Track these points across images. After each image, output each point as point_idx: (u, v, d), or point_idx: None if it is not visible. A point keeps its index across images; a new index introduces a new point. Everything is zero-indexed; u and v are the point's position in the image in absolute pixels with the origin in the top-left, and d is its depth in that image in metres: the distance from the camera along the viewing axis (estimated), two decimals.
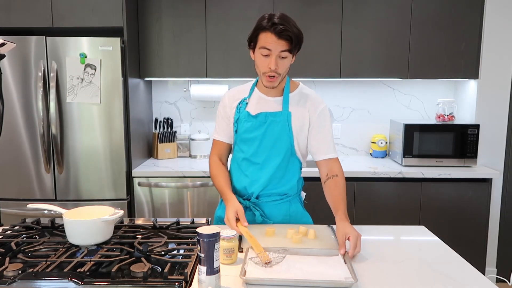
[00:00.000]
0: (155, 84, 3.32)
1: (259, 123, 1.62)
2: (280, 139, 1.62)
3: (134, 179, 2.75)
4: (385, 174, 2.74)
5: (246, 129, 1.63)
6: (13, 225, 1.57)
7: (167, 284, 1.10)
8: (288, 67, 1.57)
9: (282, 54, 1.50)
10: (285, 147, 1.63)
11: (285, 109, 1.61)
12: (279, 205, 1.69)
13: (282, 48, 1.49)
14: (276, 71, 1.52)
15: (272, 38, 1.48)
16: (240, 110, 1.66)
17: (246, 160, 1.67)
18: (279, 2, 2.90)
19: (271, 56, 1.50)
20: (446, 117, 3.03)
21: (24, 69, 2.61)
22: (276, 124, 1.61)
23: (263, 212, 1.67)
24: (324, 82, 3.28)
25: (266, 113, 1.62)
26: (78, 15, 2.66)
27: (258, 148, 1.63)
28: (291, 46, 1.50)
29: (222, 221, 1.67)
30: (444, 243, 1.51)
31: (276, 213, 1.68)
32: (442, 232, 1.97)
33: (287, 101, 1.63)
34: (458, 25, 2.91)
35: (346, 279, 1.17)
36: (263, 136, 1.62)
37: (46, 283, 1.10)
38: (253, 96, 1.68)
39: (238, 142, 1.69)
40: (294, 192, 1.72)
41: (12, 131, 2.66)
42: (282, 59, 1.52)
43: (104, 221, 1.34)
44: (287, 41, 1.49)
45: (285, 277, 1.18)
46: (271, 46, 1.49)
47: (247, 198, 1.68)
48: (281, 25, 1.48)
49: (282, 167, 1.65)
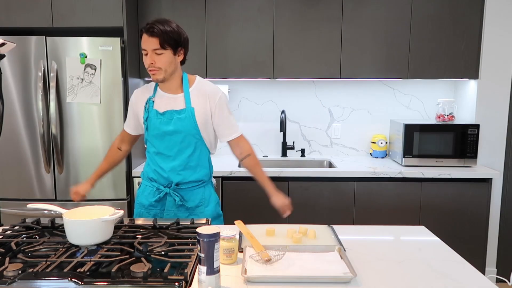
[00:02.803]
0: None
1: (166, 120, 1.77)
2: (188, 133, 1.77)
3: (134, 179, 2.75)
4: (385, 174, 2.75)
5: (155, 126, 1.78)
6: (13, 225, 1.57)
7: (167, 284, 1.10)
8: (169, 63, 1.71)
9: (155, 51, 1.67)
10: (194, 139, 1.79)
11: (188, 105, 1.77)
12: (196, 190, 1.85)
13: (154, 45, 1.66)
14: (154, 65, 1.69)
15: (145, 37, 1.68)
16: (149, 110, 1.80)
17: (159, 154, 1.82)
18: (279, 2, 2.90)
19: (148, 54, 1.69)
20: (446, 117, 3.03)
21: (24, 69, 2.61)
22: (182, 120, 1.76)
23: (182, 197, 1.83)
24: (324, 82, 3.28)
25: (172, 111, 1.77)
26: (78, 15, 2.66)
27: (169, 142, 1.79)
28: (161, 42, 1.66)
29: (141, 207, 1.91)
30: (444, 243, 1.52)
31: (194, 197, 1.85)
32: (442, 232, 1.97)
33: (188, 97, 1.78)
34: (458, 25, 2.92)
35: (345, 274, 1.19)
36: (173, 131, 1.76)
37: (46, 283, 1.10)
38: (157, 95, 1.83)
39: (150, 138, 1.83)
40: (207, 178, 1.89)
41: (12, 131, 2.66)
42: (158, 55, 1.68)
43: (104, 221, 1.34)
44: (156, 37, 1.66)
45: (285, 274, 1.20)
46: (145, 45, 1.69)
47: (168, 186, 1.83)
48: (151, 24, 1.67)
49: (194, 157, 1.81)
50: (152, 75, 1.73)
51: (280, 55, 2.96)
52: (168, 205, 1.84)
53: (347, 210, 2.78)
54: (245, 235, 1.46)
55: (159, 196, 1.83)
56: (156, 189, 1.85)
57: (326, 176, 2.77)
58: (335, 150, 3.38)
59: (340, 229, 1.61)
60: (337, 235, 1.53)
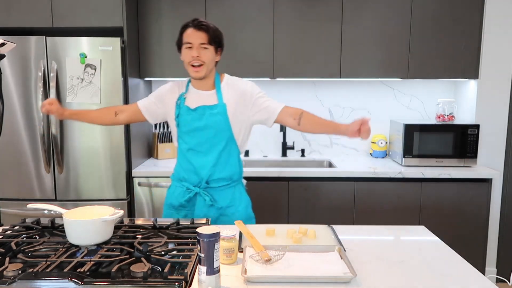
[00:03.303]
0: (155, 84, 3.32)
1: (198, 115, 1.78)
2: (220, 129, 1.78)
3: (134, 179, 2.75)
4: (385, 174, 2.75)
5: (187, 122, 1.79)
6: (13, 225, 1.57)
7: (167, 284, 1.10)
8: (212, 60, 1.76)
9: (202, 46, 1.71)
10: (225, 135, 1.80)
11: (220, 101, 1.79)
12: (226, 190, 1.85)
13: (201, 40, 1.71)
14: (200, 58, 1.72)
15: (191, 31, 1.72)
16: (180, 106, 1.82)
17: (191, 150, 1.82)
18: (279, 2, 2.90)
19: (193, 47, 1.72)
20: (446, 117, 3.03)
21: (24, 69, 2.61)
22: (214, 115, 1.77)
23: (212, 197, 1.82)
24: (324, 82, 3.28)
25: (204, 106, 1.78)
26: (78, 15, 2.66)
27: (201, 138, 1.79)
28: (209, 37, 1.71)
29: (170, 208, 1.89)
30: (444, 243, 1.52)
31: (224, 197, 1.85)
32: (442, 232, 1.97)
33: (220, 93, 1.80)
34: (458, 25, 2.92)
35: (345, 274, 1.19)
36: (204, 127, 1.78)
37: (46, 283, 1.10)
38: (189, 92, 1.85)
39: (182, 135, 1.84)
40: (237, 177, 1.89)
41: (12, 131, 2.66)
42: (204, 50, 1.72)
43: (104, 221, 1.34)
44: (204, 32, 1.71)
45: (285, 274, 1.20)
46: (191, 39, 1.71)
47: (198, 185, 1.83)
48: (199, 20, 1.73)
49: (224, 154, 1.81)
50: (195, 72, 1.74)
51: (280, 55, 2.96)
52: (199, 206, 1.83)
53: (347, 210, 2.78)
54: (245, 235, 1.46)
55: (189, 196, 1.83)
56: (186, 189, 1.84)
57: (326, 176, 2.77)
58: (335, 150, 3.38)
59: (340, 229, 1.61)
60: (337, 235, 1.53)
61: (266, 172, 2.72)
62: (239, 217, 1.82)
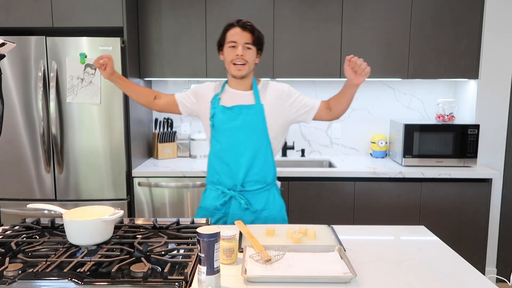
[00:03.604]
0: (155, 84, 3.32)
1: (234, 114, 1.78)
2: (256, 129, 1.78)
3: (134, 179, 2.75)
4: (385, 174, 2.75)
5: (223, 122, 1.78)
6: (13, 225, 1.57)
7: (167, 284, 1.10)
8: (253, 60, 1.79)
9: (246, 45, 1.74)
10: (261, 136, 1.79)
11: (258, 101, 1.79)
12: (261, 193, 1.84)
13: (246, 39, 1.73)
14: (243, 57, 1.73)
15: (237, 30, 1.74)
16: (215, 105, 1.81)
17: (226, 151, 1.81)
18: (279, 2, 2.90)
19: (237, 46, 1.73)
20: (446, 117, 3.03)
21: (24, 69, 2.61)
22: (251, 115, 1.77)
23: (247, 201, 1.81)
24: (324, 82, 3.28)
25: (241, 106, 1.78)
26: (78, 15, 2.66)
27: (236, 137, 1.78)
28: (254, 38, 1.74)
29: (205, 211, 1.88)
30: (444, 243, 1.52)
31: (258, 201, 1.83)
32: (442, 232, 1.97)
33: (258, 94, 1.81)
34: (458, 25, 2.92)
35: (345, 274, 1.19)
36: (240, 126, 1.77)
37: (46, 283, 1.10)
38: (225, 92, 1.85)
39: (216, 135, 1.83)
40: (271, 179, 1.88)
41: (12, 131, 2.66)
42: (247, 49, 1.75)
43: (104, 221, 1.34)
44: (250, 32, 1.73)
45: (285, 274, 1.20)
46: (236, 38, 1.73)
47: (233, 189, 1.82)
48: (244, 20, 1.75)
49: (260, 154, 1.80)
50: (237, 70, 1.75)
51: (280, 55, 2.96)
52: (234, 209, 1.82)
53: (347, 210, 2.78)
54: (245, 235, 1.46)
55: (224, 199, 1.82)
56: (221, 192, 1.83)
57: (326, 176, 2.77)
58: (335, 150, 3.38)
59: (340, 229, 1.61)
60: (337, 235, 1.53)
61: None
62: (272, 220, 1.83)
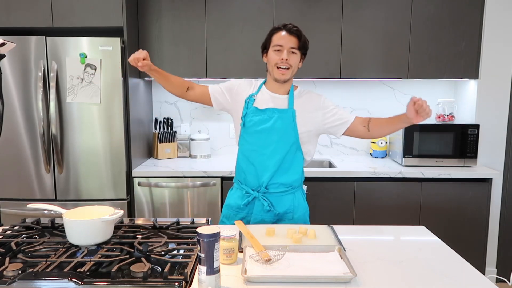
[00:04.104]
0: (155, 84, 3.32)
1: (267, 117, 1.77)
2: (286, 133, 1.77)
3: (134, 179, 2.75)
4: (385, 174, 2.75)
5: (254, 123, 1.78)
6: (13, 225, 1.57)
7: (167, 284, 1.10)
8: (297, 65, 1.78)
9: (292, 50, 1.73)
10: (290, 141, 1.78)
11: (291, 106, 1.79)
12: (285, 196, 1.83)
13: (292, 44, 1.73)
14: (288, 62, 1.73)
15: (283, 35, 1.73)
16: (248, 106, 1.81)
17: (254, 151, 1.81)
18: (279, 2, 2.90)
19: (283, 50, 1.73)
20: (446, 117, 3.03)
21: (24, 69, 2.61)
22: (282, 119, 1.77)
23: (270, 203, 1.80)
24: (324, 82, 3.28)
25: (273, 109, 1.78)
26: (78, 15, 2.66)
27: (266, 140, 1.78)
28: (300, 43, 1.74)
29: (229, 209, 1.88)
30: (444, 243, 1.52)
31: (282, 204, 1.82)
32: (442, 232, 1.97)
33: (292, 100, 1.80)
34: (458, 25, 2.92)
35: (345, 274, 1.19)
36: (271, 129, 1.77)
37: (46, 283, 1.10)
38: (260, 93, 1.84)
39: (246, 135, 1.82)
40: (298, 184, 1.86)
41: (12, 131, 2.66)
42: (292, 54, 1.74)
43: (104, 221, 1.34)
44: (296, 37, 1.73)
45: (285, 274, 1.20)
46: (282, 42, 1.73)
47: (257, 190, 1.82)
48: (291, 25, 1.75)
49: (288, 159, 1.79)
50: (281, 74, 1.75)
51: None
52: (256, 210, 1.82)
53: (347, 210, 2.78)
54: (245, 235, 1.46)
55: (247, 200, 1.82)
56: (245, 192, 1.84)
57: (326, 176, 2.77)
58: (335, 150, 3.38)
59: (340, 229, 1.61)
60: (337, 235, 1.53)
61: None
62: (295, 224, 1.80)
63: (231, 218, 1.87)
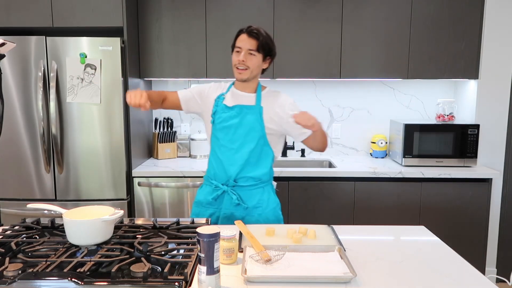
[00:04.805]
0: (155, 84, 3.32)
1: (235, 113, 1.84)
2: (253, 129, 1.83)
3: (134, 179, 2.75)
4: (385, 174, 2.75)
5: (223, 119, 1.85)
6: (13, 225, 1.57)
7: (167, 284, 1.10)
8: (257, 66, 1.83)
9: (250, 52, 1.80)
10: (257, 136, 1.83)
11: (258, 103, 1.86)
12: (254, 190, 1.87)
13: (250, 46, 1.80)
14: (245, 63, 1.80)
15: (243, 37, 1.82)
16: (218, 104, 1.89)
17: (223, 146, 1.87)
18: (279, 2, 2.90)
19: (241, 51, 1.81)
20: (446, 117, 3.03)
21: (24, 69, 2.61)
22: (250, 115, 1.83)
23: (239, 196, 1.85)
24: (324, 82, 3.28)
25: (241, 106, 1.85)
26: (78, 15, 2.66)
27: (233, 135, 1.84)
28: (258, 45, 1.80)
29: (198, 205, 1.92)
30: (444, 243, 1.52)
31: (252, 198, 1.86)
32: (442, 232, 1.97)
33: (259, 97, 1.87)
34: (458, 25, 2.92)
35: (345, 274, 1.19)
36: (238, 125, 1.83)
37: (46, 283, 1.10)
38: (229, 92, 1.92)
39: (215, 131, 1.89)
40: (267, 178, 1.90)
41: (12, 131, 2.66)
42: (250, 55, 1.81)
43: (104, 221, 1.34)
44: (255, 39, 1.80)
45: (285, 274, 1.20)
46: (241, 44, 1.82)
47: (226, 184, 1.86)
48: (252, 28, 1.82)
49: (255, 153, 1.85)
50: (238, 73, 1.83)
51: (280, 55, 2.94)
52: (225, 204, 1.86)
53: (347, 210, 2.78)
54: (245, 235, 1.46)
55: (217, 193, 1.86)
56: (214, 187, 1.88)
57: (326, 176, 2.77)
58: (335, 150, 3.38)
59: (340, 229, 1.61)
60: (337, 235, 1.53)
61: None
62: (265, 219, 1.85)
63: (200, 215, 1.90)
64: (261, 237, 1.50)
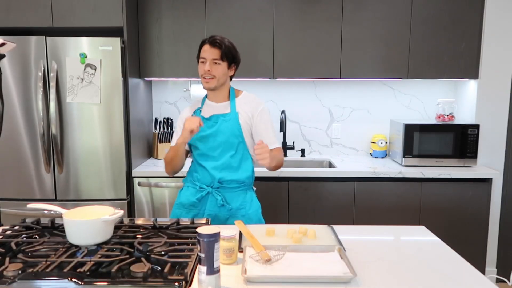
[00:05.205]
0: (155, 84, 3.32)
1: (212, 123, 1.89)
2: (232, 135, 1.87)
3: (134, 179, 2.75)
4: (385, 174, 2.75)
5: (202, 129, 1.87)
6: (13, 225, 1.57)
7: (167, 284, 1.10)
8: (223, 74, 1.87)
9: (215, 61, 1.84)
10: (236, 141, 1.88)
11: (233, 110, 1.90)
12: (237, 192, 1.91)
13: (214, 56, 1.83)
14: (210, 73, 1.84)
15: (206, 47, 1.86)
16: None
17: (204, 155, 1.90)
18: (279, 2, 2.90)
19: (206, 61, 1.84)
20: (446, 117, 3.03)
21: (24, 69, 2.61)
22: (226, 122, 1.87)
23: (224, 198, 1.88)
24: (324, 82, 3.28)
25: (217, 115, 1.90)
26: (78, 15, 2.66)
27: (213, 143, 1.88)
28: (221, 54, 1.84)
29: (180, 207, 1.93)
30: (444, 243, 1.52)
31: (235, 199, 1.90)
32: (442, 232, 1.97)
33: (234, 104, 1.92)
34: (458, 25, 2.92)
35: (345, 274, 1.20)
36: (217, 132, 1.87)
37: (46, 283, 1.10)
38: (204, 105, 1.97)
39: (195, 142, 1.91)
40: (250, 182, 1.95)
41: (12, 131, 2.66)
42: (215, 64, 1.84)
43: (104, 221, 1.34)
44: (218, 49, 1.84)
45: (285, 274, 1.20)
46: (205, 55, 1.85)
47: (210, 186, 1.89)
48: (214, 37, 1.86)
49: (236, 159, 1.89)
50: (205, 83, 1.87)
51: (280, 55, 2.96)
52: (210, 205, 1.88)
53: (347, 210, 2.78)
54: (245, 235, 1.46)
55: (201, 194, 1.88)
56: (199, 188, 1.90)
57: (326, 176, 2.77)
58: (335, 150, 3.38)
59: (340, 229, 1.61)
60: (337, 235, 1.53)
61: (266, 172, 2.72)
62: (249, 220, 1.86)
63: (182, 217, 1.89)
64: (261, 237, 1.51)
